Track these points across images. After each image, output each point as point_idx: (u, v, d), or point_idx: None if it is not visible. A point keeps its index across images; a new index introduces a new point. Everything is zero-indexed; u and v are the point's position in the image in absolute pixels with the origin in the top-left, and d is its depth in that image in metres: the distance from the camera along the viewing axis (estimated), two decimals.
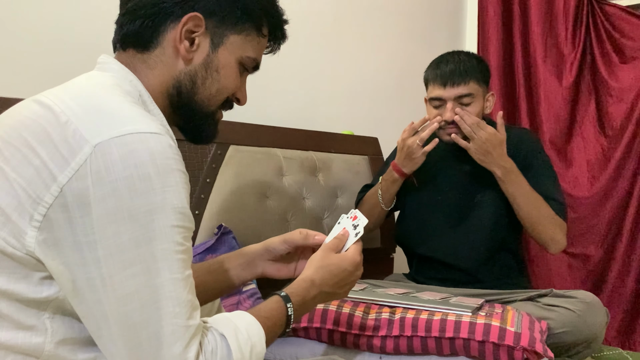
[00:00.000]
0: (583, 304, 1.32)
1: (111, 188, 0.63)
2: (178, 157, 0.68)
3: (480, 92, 1.55)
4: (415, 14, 2.49)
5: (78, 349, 0.69)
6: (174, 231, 0.66)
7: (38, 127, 0.66)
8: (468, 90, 1.51)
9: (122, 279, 0.64)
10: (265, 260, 1.02)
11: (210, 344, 0.68)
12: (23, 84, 1.27)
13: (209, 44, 0.81)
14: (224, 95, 0.85)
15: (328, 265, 0.90)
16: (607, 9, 2.32)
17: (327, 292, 0.89)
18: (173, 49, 0.79)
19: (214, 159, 1.56)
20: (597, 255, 2.25)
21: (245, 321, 0.74)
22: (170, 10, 0.78)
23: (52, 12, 1.40)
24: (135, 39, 0.79)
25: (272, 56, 0.97)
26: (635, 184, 2.20)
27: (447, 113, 1.51)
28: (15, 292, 0.66)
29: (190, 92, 0.82)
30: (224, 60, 0.82)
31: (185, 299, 0.66)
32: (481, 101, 1.55)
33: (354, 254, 0.93)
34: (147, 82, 0.79)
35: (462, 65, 1.51)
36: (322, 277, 0.88)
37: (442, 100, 1.53)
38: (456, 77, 1.50)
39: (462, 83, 1.50)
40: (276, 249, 1.01)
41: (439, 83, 1.52)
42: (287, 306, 0.82)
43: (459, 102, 1.52)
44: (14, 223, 0.64)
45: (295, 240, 1.01)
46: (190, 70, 0.81)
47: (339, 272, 0.91)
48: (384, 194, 1.63)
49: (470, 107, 1.52)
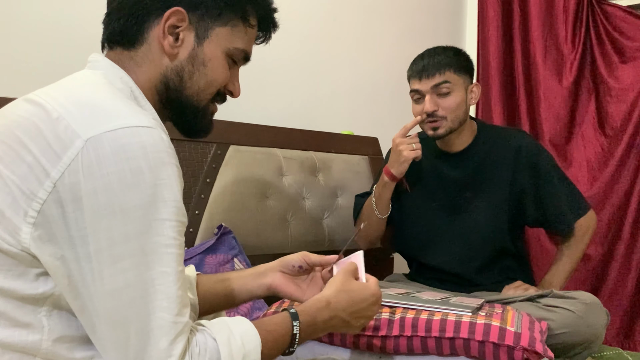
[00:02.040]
0: (583, 305, 1.32)
1: (102, 182, 0.63)
2: (171, 151, 0.68)
3: (460, 82, 1.54)
4: (415, 14, 2.49)
5: (75, 347, 0.69)
6: (165, 225, 0.66)
7: (30, 124, 0.66)
8: (443, 79, 1.51)
9: (112, 273, 0.63)
10: (277, 272, 1.01)
11: (199, 345, 0.67)
12: (23, 84, 1.27)
13: (193, 38, 0.80)
14: (213, 88, 0.84)
15: (349, 290, 0.88)
16: (607, 9, 2.32)
17: (341, 319, 0.87)
18: (158, 45, 0.79)
19: (214, 159, 1.56)
20: (597, 255, 2.25)
21: (241, 328, 0.73)
22: (153, 6, 0.77)
23: (52, 12, 1.40)
24: (121, 37, 0.79)
25: (272, 56, 0.96)
26: (635, 184, 2.20)
27: (426, 104, 1.51)
28: (11, 289, 0.66)
29: (179, 87, 0.81)
30: (210, 53, 0.81)
31: (175, 294, 0.66)
32: (462, 91, 1.54)
33: (376, 286, 0.91)
34: (135, 78, 0.79)
35: (437, 57, 1.53)
36: (339, 301, 0.86)
37: (421, 93, 1.54)
38: (431, 68, 1.52)
39: (437, 73, 1.51)
40: (291, 260, 1.00)
41: (416, 77, 1.54)
42: (293, 324, 0.80)
43: (436, 92, 1.52)
44: (9, 220, 0.65)
45: (311, 257, 1.00)
46: (177, 65, 0.80)
47: (360, 300, 0.89)
48: (377, 201, 1.61)
49: (449, 97, 1.52)
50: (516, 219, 1.60)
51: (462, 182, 1.61)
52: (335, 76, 2.13)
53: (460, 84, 1.54)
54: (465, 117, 1.57)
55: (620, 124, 2.25)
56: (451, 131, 1.54)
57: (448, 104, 1.51)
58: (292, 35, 1.95)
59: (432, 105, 1.51)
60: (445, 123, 1.52)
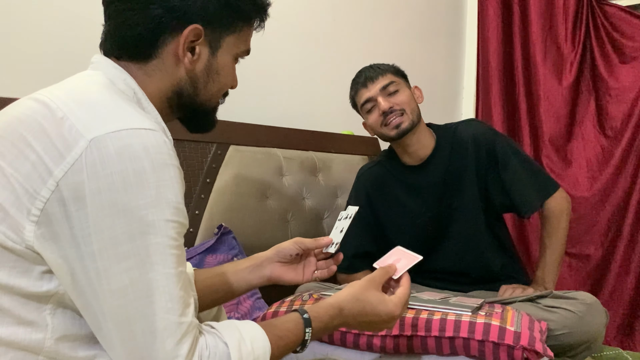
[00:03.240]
0: (583, 305, 1.32)
1: (106, 182, 0.63)
2: (173, 153, 0.69)
3: (403, 83, 1.59)
4: (415, 13, 2.50)
5: (78, 346, 0.69)
6: (168, 225, 0.66)
7: (34, 122, 0.67)
8: (388, 79, 1.56)
9: (116, 272, 0.64)
10: (274, 263, 1.03)
11: (210, 349, 0.68)
12: (23, 84, 1.27)
13: (208, 49, 0.81)
14: (224, 90, 0.87)
15: (364, 300, 0.87)
16: (607, 9, 2.32)
17: (349, 324, 0.88)
18: (173, 59, 0.79)
19: (214, 159, 1.56)
20: (597, 255, 2.25)
21: (252, 333, 0.73)
22: (169, 23, 0.77)
23: (53, 12, 1.40)
24: (131, 52, 0.79)
25: (272, 57, 0.96)
26: (635, 184, 2.20)
27: (381, 104, 1.54)
28: (16, 286, 0.66)
29: (192, 95, 0.83)
30: (223, 62, 0.83)
31: (178, 295, 0.66)
32: (408, 90, 1.58)
33: (395, 306, 0.89)
34: (144, 87, 0.79)
35: (374, 67, 1.60)
36: (352, 310, 0.86)
37: (373, 100, 1.56)
38: (373, 74, 1.57)
39: (380, 76, 1.56)
40: (286, 249, 1.02)
41: (363, 87, 1.58)
42: (306, 330, 0.80)
43: (386, 93, 1.55)
44: (13, 218, 0.65)
45: (306, 242, 1.02)
46: (192, 76, 0.81)
47: (372, 314, 0.88)
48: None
49: (399, 95, 1.55)
50: (492, 208, 1.61)
51: (436, 187, 1.61)
52: (335, 76, 2.13)
53: (403, 84, 1.59)
54: (419, 114, 1.59)
55: (620, 124, 2.25)
56: (413, 125, 1.55)
57: (400, 99, 1.55)
58: (292, 36, 1.96)
59: (387, 103, 1.54)
60: (406, 117, 1.54)
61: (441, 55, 2.63)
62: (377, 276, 0.92)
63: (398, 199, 1.65)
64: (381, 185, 1.66)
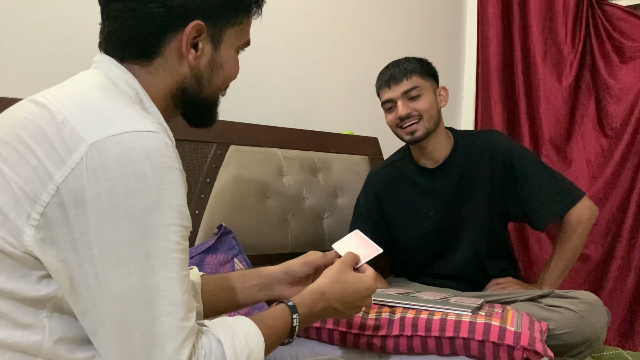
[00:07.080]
0: (585, 305, 1.32)
1: (107, 186, 0.63)
2: (175, 155, 0.68)
3: (428, 86, 1.58)
4: (415, 14, 2.49)
5: (76, 347, 0.69)
6: (170, 229, 0.65)
7: (35, 126, 0.66)
8: (412, 84, 1.55)
9: (117, 278, 0.63)
10: (284, 284, 1.02)
11: (204, 348, 0.67)
12: (23, 84, 1.27)
13: (210, 44, 0.81)
14: (228, 83, 0.87)
15: (343, 281, 0.90)
16: (607, 9, 2.32)
17: (334, 308, 0.89)
18: (177, 56, 0.79)
19: (214, 159, 1.56)
20: (597, 255, 2.25)
21: (244, 327, 0.73)
22: (170, 21, 0.77)
23: (53, 12, 1.40)
24: (134, 53, 0.78)
25: (272, 56, 0.96)
26: (635, 184, 2.20)
27: (400, 109, 1.55)
28: (14, 290, 0.66)
29: (197, 90, 0.82)
30: (226, 55, 0.83)
31: (180, 299, 0.66)
32: (431, 94, 1.58)
33: (372, 280, 0.93)
34: (147, 86, 0.78)
35: (402, 66, 1.58)
36: (333, 292, 0.88)
37: (393, 101, 1.57)
38: (398, 75, 1.56)
39: (404, 79, 1.56)
40: (297, 272, 1.02)
41: (386, 86, 1.58)
42: (293, 317, 0.81)
43: (407, 97, 1.55)
44: (12, 222, 0.65)
45: (316, 261, 1.02)
46: (196, 72, 0.81)
47: (353, 291, 0.91)
48: None
49: (420, 100, 1.55)
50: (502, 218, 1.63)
51: (447, 192, 1.62)
52: (335, 76, 2.13)
53: (428, 87, 1.58)
54: (438, 119, 1.59)
55: (620, 124, 2.25)
56: (428, 133, 1.56)
57: (420, 106, 1.55)
58: (293, 36, 1.96)
59: (405, 109, 1.54)
60: (422, 124, 1.55)
61: (441, 55, 2.62)
62: (348, 259, 0.96)
63: (407, 200, 1.65)
64: (391, 186, 1.67)
